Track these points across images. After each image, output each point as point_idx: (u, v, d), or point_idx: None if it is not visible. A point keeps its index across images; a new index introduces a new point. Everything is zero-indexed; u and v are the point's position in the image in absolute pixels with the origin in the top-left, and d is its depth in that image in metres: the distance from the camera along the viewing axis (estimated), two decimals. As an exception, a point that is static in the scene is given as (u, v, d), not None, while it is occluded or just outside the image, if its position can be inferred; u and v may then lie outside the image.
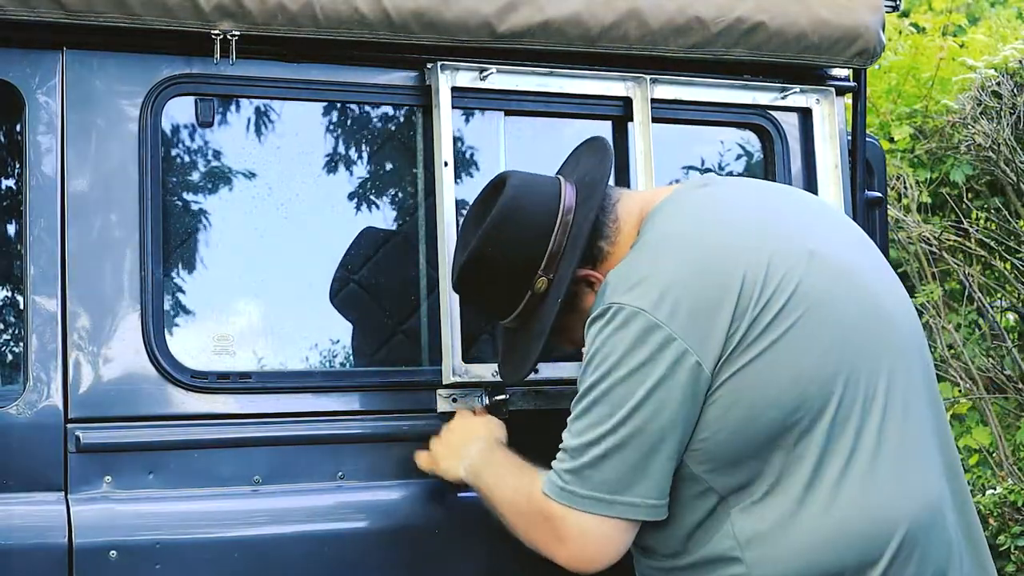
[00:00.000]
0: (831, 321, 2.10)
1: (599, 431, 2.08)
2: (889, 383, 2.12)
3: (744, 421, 2.06)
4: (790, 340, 2.06)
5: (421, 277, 2.64)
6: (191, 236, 2.52)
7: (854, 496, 2.06)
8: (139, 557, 2.29)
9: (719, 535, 2.10)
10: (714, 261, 2.09)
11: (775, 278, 2.08)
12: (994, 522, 4.85)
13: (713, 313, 2.05)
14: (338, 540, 2.44)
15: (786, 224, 2.20)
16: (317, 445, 2.48)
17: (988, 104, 5.10)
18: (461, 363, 2.53)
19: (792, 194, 2.40)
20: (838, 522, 2.06)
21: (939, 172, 5.44)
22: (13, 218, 2.47)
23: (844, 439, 2.08)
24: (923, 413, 2.17)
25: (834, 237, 2.24)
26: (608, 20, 2.66)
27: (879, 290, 2.21)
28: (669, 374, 2.04)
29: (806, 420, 2.07)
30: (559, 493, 2.12)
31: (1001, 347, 5.21)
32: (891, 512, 2.08)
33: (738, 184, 2.38)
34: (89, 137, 2.39)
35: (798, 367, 2.07)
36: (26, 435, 2.31)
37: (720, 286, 2.06)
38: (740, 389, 2.06)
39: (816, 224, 2.25)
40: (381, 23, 2.50)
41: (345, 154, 2.65)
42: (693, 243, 2.13)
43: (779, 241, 2.14)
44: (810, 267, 2.11)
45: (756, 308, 2.06)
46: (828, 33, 2.83)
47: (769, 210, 2.24)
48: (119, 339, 2.38)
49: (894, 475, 2.09)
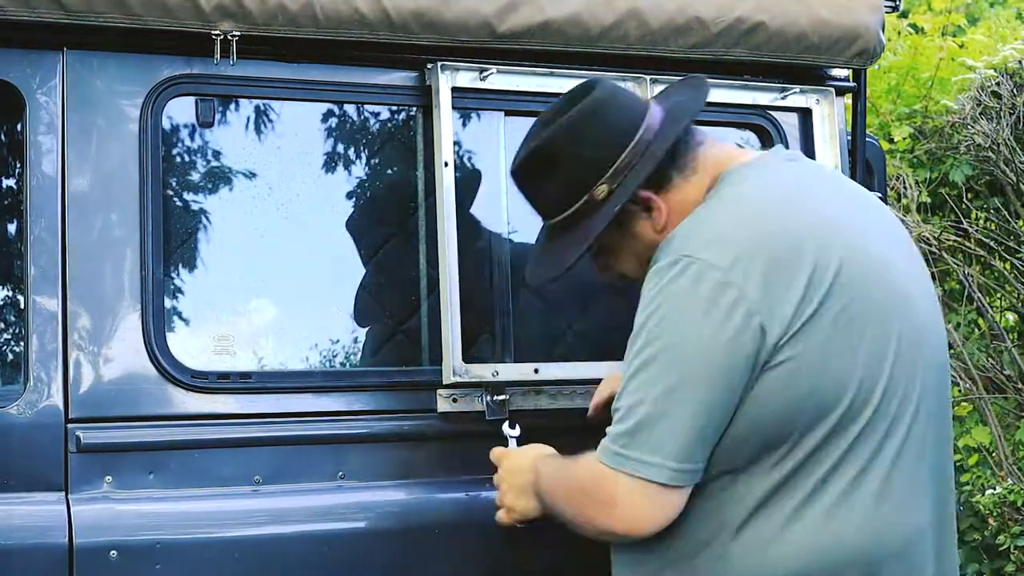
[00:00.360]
0: (884, 331, 2.07)
1: (656, 390, 2.01)
2: (917, 405, 2.10)
3: (792, 402, 2.02)
4: (842, 340, 2.03)
5: (422, 277, 2.64)
6: (191, 236, 2.52)
7: (858, 511, 2.04)
8: (139, 557, 2.30)
9: (712, 518, 2.07)
10: (793, 238, 2.05)
11: (839, 273, 2.04)
12: (993, 522, 4.85)
13: (786, 284, 2.01)
14: (338, 540, 2.44)
15: (861, 224, 2.17)
16: (317, 445, 2.48)
17: (987, 104, 5.10)
18: (461, 363, 2.53)
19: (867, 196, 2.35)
20: (834, 534, 2.04)
21: (939, 172, 5.45)
22: (14, 218, 2.47)
23: (864, 450, 2.05)
24: (936, 440, 2.15)
25: (897, 249, 2.21)
26: (608, 20, 2.66)
27: (926, 308, 2.19)
28: (736, 336, 1.99)
29: (840, 423, 2.04)
30: (611, 457, 2.05)
31: (1000, 347, 5.21)
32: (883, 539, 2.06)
33: (823, 169, 2.32)
34: (90, 137, 2.39)
35: (852, 364, 2.03)
36: (27, 435, 2.31)
37: (796, 257, 2.02)
38: (795, 372, 2.01)
39: (885, 233, 2.23)
40: (381, 23, 2.51)
41: (345, 154, 2.65)
42: (776, 215, 2.09)
43: (854, 239, 2.10)
44: (877, 274, 2.09)
45: (820, 295, 2.02)
46: (828, 33, 2.83)
47: (850, 205, 2.21)
48: (119, 339, 2.38)
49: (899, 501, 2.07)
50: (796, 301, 2.01)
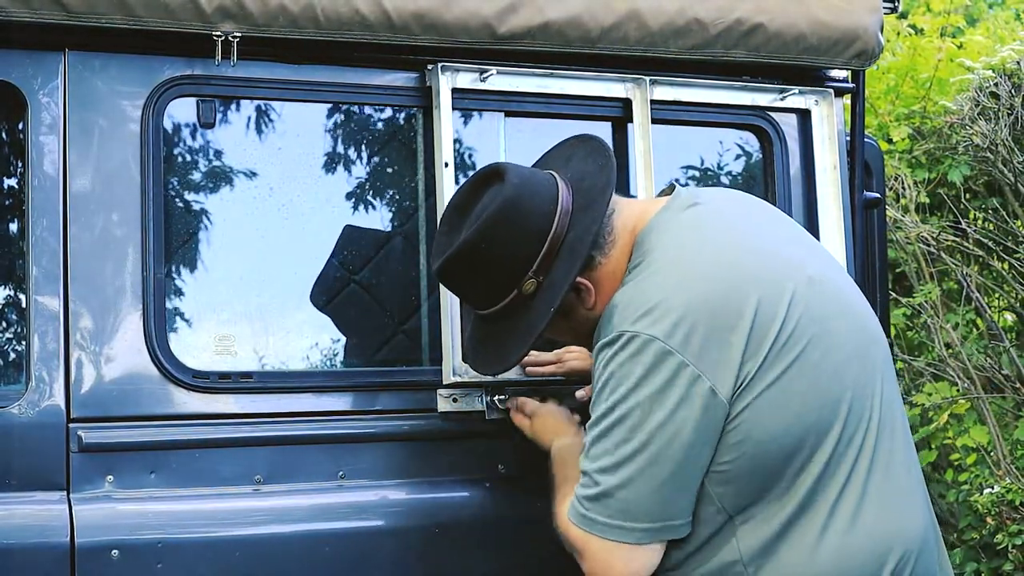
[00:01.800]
0: (834, 347, 2.11)
1: (616, 457, 2.08)
2: (881, 403, 2.15)
3: (762, 445, 2.07)
4: (801, 367, 2.08)
5: (422, 277, 2.65)
6: (193, 236, 2.53)
7: (854, 516, 2.09)
8: (141, 556, 2.30)
9: (725, 550, 2.12)
10: (727, 287, 2.08)
11: (784, 305, 2.08)
12: (992, 521, 4.85)
13: (727, 340, 2.05)
14: (339, 539, 2.45)
15: (784, 248, 2.21)
16: (318, 445, 2.49)
17: (986, 105, 5.10)
18: (461, 363, 2.54)
19: (774, 212, 2.39)
20: (837, 542, 2.08)
21: (937, 172, 5.45)
22: (16, 218, 2.48)
23: (846, 461, 2.10)
24: (903, 432, 2.20)
25: (819, 259, 2.26)
26: (608, 22, 2.66)
27: (862, 310, 2.23)
28: (684, 400, 2.04)
29: (813, 442, 2.08)
30: (580, 519, 2.13)
31: (999, 347, 5.22)
32: (886, 535, 2.10)
33: (725, 201, 2.33)
34: (91, 138, 2.40)
35: (808, 394, 2.08)
36: (28, 435, 2.32)
37: (734, 312, 2.06)
38: (758, 417, 2.06)
39: (805, 247, 2.27)
40: (382, 25, 2.51)
41: (346, 155, 2.65)
42: (704, 269, 2.12)
43: (783, 267, 2.14)
44: (811, 293, 2.12)
45: (770, 335, 2.06)
46: (827, 34, 2.84)
47: (766, 233, 2.25)
48: (121, 339, 2.38)
49: (888, 498, 2.12)
50: (739, 352, 2.05)
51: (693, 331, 2.05)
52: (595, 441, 2.11)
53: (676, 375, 2.04)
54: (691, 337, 2.05)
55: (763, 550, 2.09)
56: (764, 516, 2.10)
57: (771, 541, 2.09)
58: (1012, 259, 5.20)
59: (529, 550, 2.54)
